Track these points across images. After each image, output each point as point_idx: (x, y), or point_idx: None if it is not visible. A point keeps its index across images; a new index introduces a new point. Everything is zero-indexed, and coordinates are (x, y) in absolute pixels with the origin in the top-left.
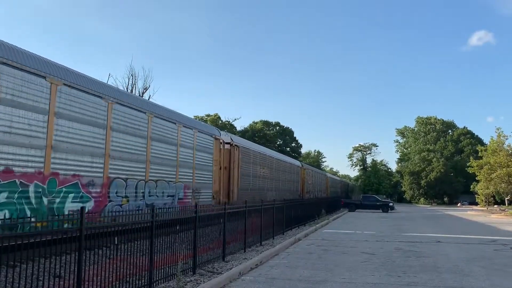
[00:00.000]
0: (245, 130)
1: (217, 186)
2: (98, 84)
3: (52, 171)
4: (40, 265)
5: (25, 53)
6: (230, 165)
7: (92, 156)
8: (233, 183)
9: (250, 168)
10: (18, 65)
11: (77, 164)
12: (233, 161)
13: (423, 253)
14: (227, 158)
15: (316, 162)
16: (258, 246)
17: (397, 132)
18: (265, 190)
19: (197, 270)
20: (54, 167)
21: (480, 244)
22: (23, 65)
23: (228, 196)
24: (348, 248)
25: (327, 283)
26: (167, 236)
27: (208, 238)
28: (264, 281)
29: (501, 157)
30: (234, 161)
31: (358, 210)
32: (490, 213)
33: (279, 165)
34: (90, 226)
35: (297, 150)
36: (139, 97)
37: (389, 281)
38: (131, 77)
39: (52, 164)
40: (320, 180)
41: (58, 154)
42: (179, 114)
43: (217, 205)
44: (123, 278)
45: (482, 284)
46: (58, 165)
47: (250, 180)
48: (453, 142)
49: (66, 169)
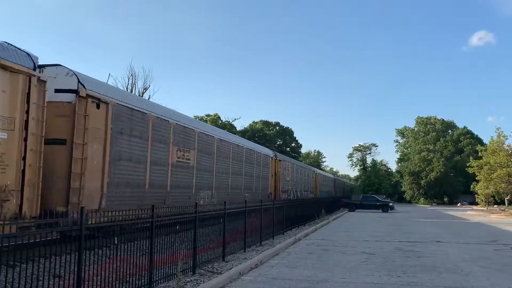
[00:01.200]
0: (245, 130)
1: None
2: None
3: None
4: (40, 265)
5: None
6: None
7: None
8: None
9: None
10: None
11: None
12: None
13: (423, 253)
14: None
15: (316, 162)
16: (258, 246)
17: (397, 132)
18: (185, 187)
19: (197, 270)
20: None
21: (480, 244)
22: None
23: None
24: (348, 248)
25: (327, 283)
26: (167, 236)
27: (208, 238)
28: (264, 281)
29: (501, 157)
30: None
31: (358, 210)
32: (490, 213)
33: (225, 149)
34: (90, 226)
35: (297, 150)
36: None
37: (389, 281)
38: (131, 77)
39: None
40: (305, 177)
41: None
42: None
43: (217, 205)
44: (123, 278)
45: (483, 284)
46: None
47: (136, 169)
48: (453, 142)
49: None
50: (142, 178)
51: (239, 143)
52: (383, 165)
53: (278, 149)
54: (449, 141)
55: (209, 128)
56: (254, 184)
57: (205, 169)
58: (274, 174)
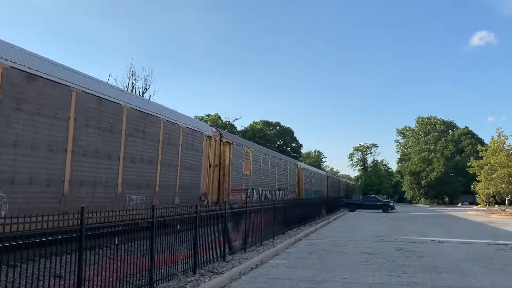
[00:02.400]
0: (245, 130)
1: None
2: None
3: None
4: (40, 265)
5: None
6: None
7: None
8: None
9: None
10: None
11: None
12: None
13: (423, 253)
14: None
15: (317, 162)
16: (259, 246)
17: (397, 132)
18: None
19: (197, 270)
20: None
21: (480, 244)
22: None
23: None
24: (349, 248)
25: (327, 283)
26: (168, 236)
27: (208, 238)
28: (264, 281)
29: (502, 157)
30: None
31: (359, 210)
32: (491, 213)
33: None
34: (91, 226)
35: (298, 150)
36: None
37: (390, 281)
38: (131, 77)
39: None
40: (282, 171)
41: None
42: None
43: (217, 205)
44: (124, 278)
45: (483, 284)
46: None
47: None
48: (453, 142)
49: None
50: None
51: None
52: (383, 165)
53: (279, 149)
54: (449, 141)
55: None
56: (160, 177)
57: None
58: (217, 164)
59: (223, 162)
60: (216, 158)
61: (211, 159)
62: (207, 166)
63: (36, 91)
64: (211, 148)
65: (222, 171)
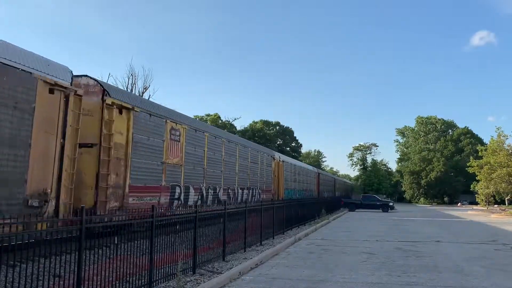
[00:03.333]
0: (245, 130)
1: None
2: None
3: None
4: (40, 265)
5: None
6: None
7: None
8: None
9: None
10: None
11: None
12: None
13: (423, 252)
14: None
15: (316, 161)
16: (258, 245)
17: (397, 132)
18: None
19: (197, 269)
20: None
21: (480, 244)
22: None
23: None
24: (348, 248)
25: (327, 283)
26: (167, 236)
27: (208, 238)
28: (264, 281)
29: (501, 156)
30: None
31: (358, 210)
32: (490, 213)
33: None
34: (92, 225)
35: (297, 149)
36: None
37: (389, 281)
38: (131, 77)
39: None
40: (247, 162)
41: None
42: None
43: (217, 205)
44: (123, 278)
45: (483, 284)
46: None
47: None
48: (453, 141)
49: None
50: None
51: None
52: (383, 164)
53: (278, 148)
54: (449, 140)
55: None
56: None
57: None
58: (96, 143)
59: (109, 139)
60: (91, 130)
61: (71, 131)
62: (56, 141)
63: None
64: (67, 110)
65: (107, 154)
